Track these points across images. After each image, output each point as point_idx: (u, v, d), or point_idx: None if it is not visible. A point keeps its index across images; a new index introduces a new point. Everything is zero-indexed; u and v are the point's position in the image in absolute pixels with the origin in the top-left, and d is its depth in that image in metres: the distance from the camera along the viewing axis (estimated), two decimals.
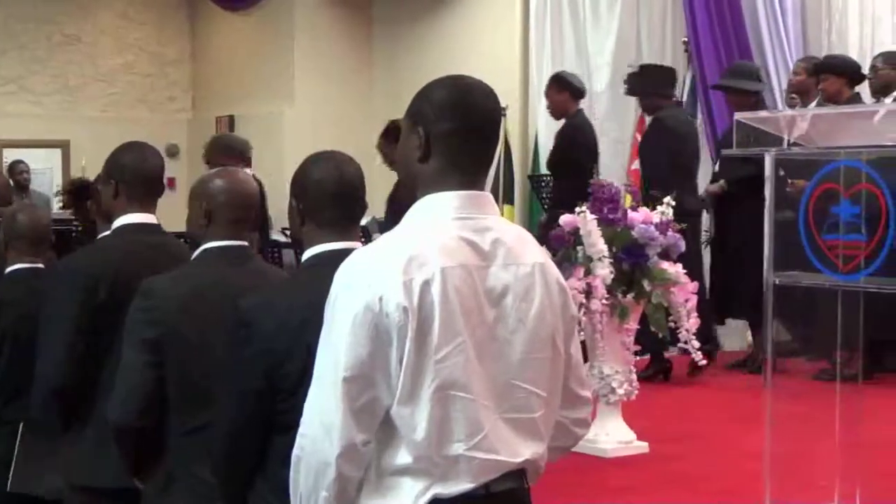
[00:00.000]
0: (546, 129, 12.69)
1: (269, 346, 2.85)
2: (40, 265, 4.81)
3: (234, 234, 3.54)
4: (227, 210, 3.52)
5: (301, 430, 2.46)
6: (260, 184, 5.67)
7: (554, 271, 2.61)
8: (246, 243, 3.59)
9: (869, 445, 4.96)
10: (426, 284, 2.37)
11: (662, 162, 9.06)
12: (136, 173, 4.03)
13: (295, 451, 2.47)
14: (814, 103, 8.96)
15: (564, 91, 9.40)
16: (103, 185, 4.13)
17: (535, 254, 2.58)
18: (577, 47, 12.56)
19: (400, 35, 14.45)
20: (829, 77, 8.84)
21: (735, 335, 10.64)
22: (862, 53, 10.10)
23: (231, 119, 15.41)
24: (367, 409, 2.40)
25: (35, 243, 4.82)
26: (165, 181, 4.24)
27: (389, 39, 14.67)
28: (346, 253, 2.58)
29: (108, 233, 4.18)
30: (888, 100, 8.70)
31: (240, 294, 3.03)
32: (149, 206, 4.07)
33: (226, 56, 15.84)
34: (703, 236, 9.67)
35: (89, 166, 13.25)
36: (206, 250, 3.53)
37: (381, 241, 2.49)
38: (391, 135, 8.18)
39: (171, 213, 5.67)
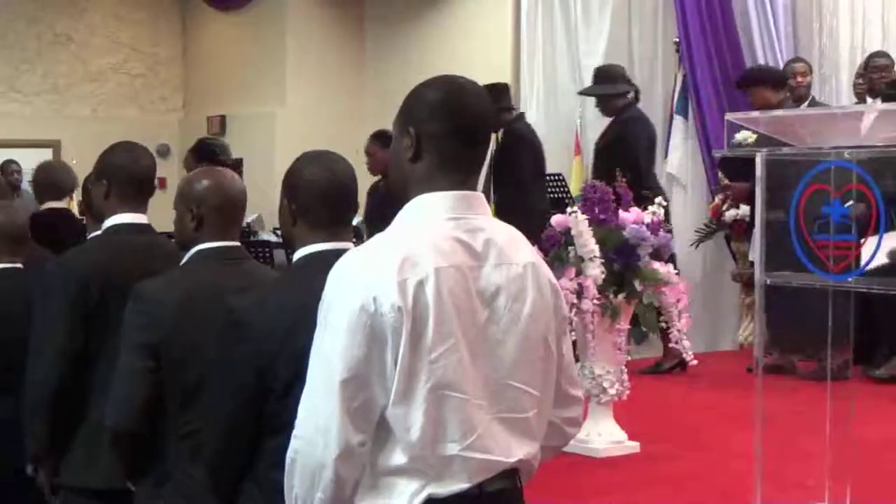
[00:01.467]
0: (537, 130, 12.71)
1: (261, 347, 2.85)
2: (19, 265, 4.80)
3: (225, 234, 3.54)
4: (217, 211, 3.52)
5: (296, 431, 2.46)
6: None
7: (546, 271, 2.62)
8: (238, 244, 3.58)
9: (859, 445, 4.97)
10: (420, 285, 2.37)
11: (523, 169, 9.16)
12: (128, 173, 4.02)
13: (289, 454, 2.47)
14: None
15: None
16: (94, 184, 4.13)
17: (526, 254, 2.58)
18: (568, 48, 12.58)
19: (392, 35, 14.46)
20: (752, 88, 9.06)
21: (726, 335, 10.68)
22: (853, 53, 10.14)
23: (222, 119, 15.40)
24: (363, 410, 2.39)
25: (13, 243, 4.79)
26: (156, 181, 4.24)
27: (381, 40, 14.67)
28: (337, 253, 2.58)
29: (98, 232, 4.18)
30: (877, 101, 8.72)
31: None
32: (140, 206, 4.07)
33: (217, 56, 15.83)
34: None
35: (80, 166, 13.25)
36: (199, 252, 3.52)
37: (374, 241, 2.49)
38: (197, 154, 8.52)
39: (161, 214, 5.65)
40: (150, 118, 15.85)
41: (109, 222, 4.03)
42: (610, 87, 9.26)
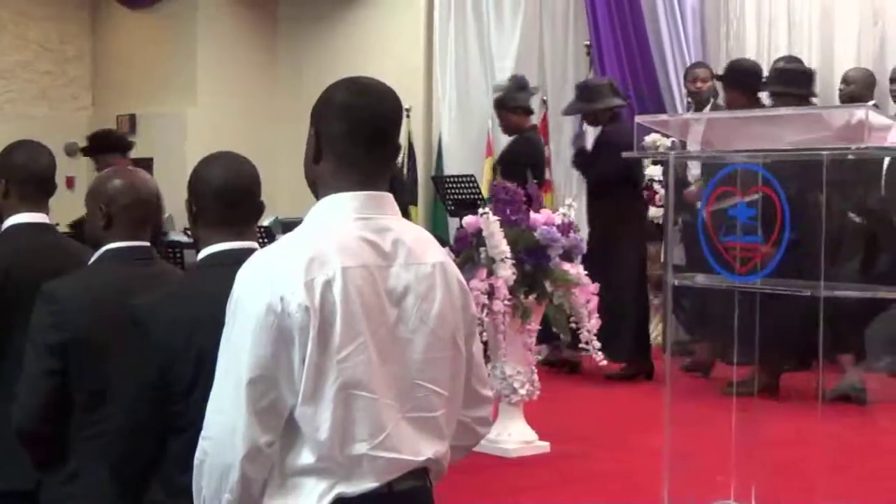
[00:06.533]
0: (449, 131, 12.76)
1: (161, 346, 2.84)
2: None
3: (135, 234, 3.51)
4: (127, 210, 3.49)
5: (204, 432, 2.44)
6: None
7: (454, 271, 2.63)
8: (148, 244, 3.55)
9: (764, 443, 5.06)
10: (327, 284, 2.37)
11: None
12: (28, 172, 3.97)
13: (198, 454, 2.45)
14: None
15: None
16: None
17: (435, 254, 2.59)
18: (480, 49, 12.64)
19: (305, 35, 14.41)
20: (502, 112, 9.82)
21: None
22: (759, 56, 10.29)
23: (132, 118, 15.22)
24: (270, 410, 2.39)
25: None
26: (65, 180, 4.18)
27: (294, 40, 14.61)
28: (237, 253, 2.58)
29: None
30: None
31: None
32: (40, 205, 4.01)
33: (127, 54, 15.65)
34: None
35: None
36: (107, 251, 3.49)
37: (282, 241, 2.49)
38: None
39: (70, 212, 5.58)
40: (59, 116, 15.62)
41: (9, 222, 3.98)
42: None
